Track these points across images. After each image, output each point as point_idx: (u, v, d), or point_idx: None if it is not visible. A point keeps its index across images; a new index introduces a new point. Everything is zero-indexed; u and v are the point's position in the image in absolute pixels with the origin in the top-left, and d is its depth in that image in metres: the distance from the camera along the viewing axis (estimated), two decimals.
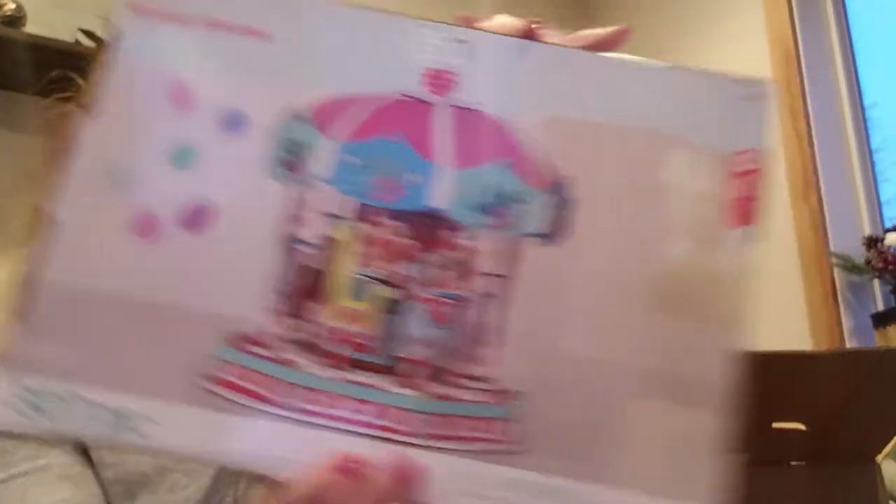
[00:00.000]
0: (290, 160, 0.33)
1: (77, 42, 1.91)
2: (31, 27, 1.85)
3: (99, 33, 1.95)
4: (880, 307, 1.83)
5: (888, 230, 1.78)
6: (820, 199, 1.90)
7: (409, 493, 0.32)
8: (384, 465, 0.31)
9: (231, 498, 0.62)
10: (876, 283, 1.83)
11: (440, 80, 0.35)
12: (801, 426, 0.59)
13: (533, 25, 0.42)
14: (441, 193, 0.33)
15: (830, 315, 1.80)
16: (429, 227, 0.33)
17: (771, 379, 0.55)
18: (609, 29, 0.45)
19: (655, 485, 0.33)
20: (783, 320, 1.92)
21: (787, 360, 0.56)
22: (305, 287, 0.33)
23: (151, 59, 0.34)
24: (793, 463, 0.62)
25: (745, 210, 0.35)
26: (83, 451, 0.63)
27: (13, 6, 1.82)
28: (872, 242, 1.77)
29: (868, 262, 1.76)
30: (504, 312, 0.33)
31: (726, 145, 0.35)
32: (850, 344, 1.78)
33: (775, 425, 0.59)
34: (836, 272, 1.83)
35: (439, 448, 0.32)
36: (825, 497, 0.61)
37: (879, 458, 0.65)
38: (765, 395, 0.56)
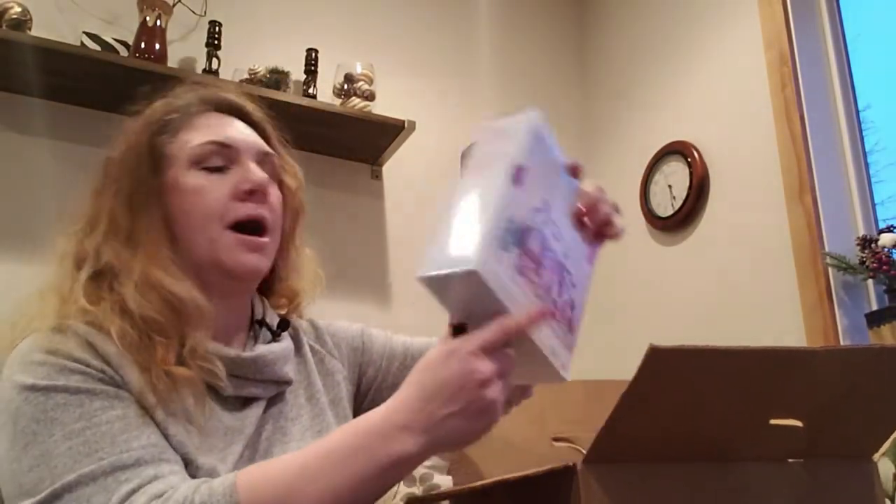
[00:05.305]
0: None
1: (82, 45, 1.92)
2: (37, 31, 1.86)
3: (103, 37, 1.96)
4: (874, 307, 1.85)
5: (882, 231, 1.80)
6: (815, 200, 1.92)
7: None
8: None
9: None
10: (870, 282, 1.85)
11: None
12: (799, 423, 0.60)
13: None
14: None
15: (825, 314, 1.82)
16: None
17: (768, 375, 0.57)
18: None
19: None
20: (778, 319, 1.94)
21: (785, 357, 0.58)
22: None
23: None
24: (790, 460, 0.64)
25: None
26: (140, 405, 0.72)
27: (19, 10, 1.83)
28: (866, 243, 1.78)
29: (862, 262, 1.78)
30: None
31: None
32: (844, 343, 1.80)
33: (773, 422, 0.60)
34: (831, 272, 1.85)
35: None
36: (822, 494, 0.63)
37: (876, 456, 0.67)
38: (762, 390, 0.58)
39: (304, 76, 2.23)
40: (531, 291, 0.62)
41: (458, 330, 0.62)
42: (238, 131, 0.87)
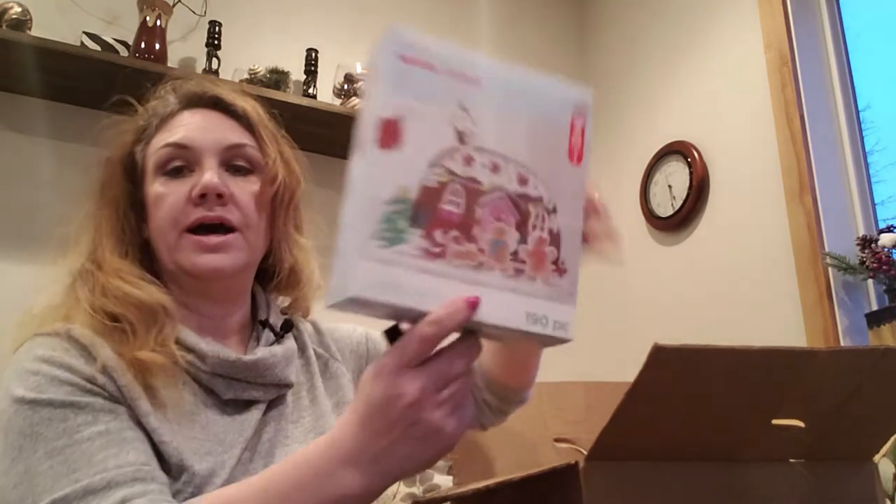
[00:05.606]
0: None
1: (82, 45, 1.92)
2: (37, 30, 1.86)
3: (103, 37, 1.96)
4: (874, 307, 1.86)
5: (882, 231, 1.80)
6: (815, 200, 1.92)
7: None
8: None
9: None
10: (870, 283, 1.86)
11: None
12: (801, 423, 0.61)
13: None
14: None
15: (825, 314, 1.83)
16: None
17: (773, 374, 0.57)
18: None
19: None
20: (778, 319, 1.94)
21: (790, 356, 0.58)
22: None
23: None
24: (791, 460, 0.64)
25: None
26: (131, 417, 0.72)
27: (19, 10, 1.83)
28: (866, 243, 1.79)
29: (862, 262, 1.78)
30: None
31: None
32: (844, 343, 1.80)
33: (775, 421, 0.60)
34: (831, 272, 1.86)
35: None
36: (823, 495, 0.63)
37: (877, 457, 0.67)
38: (766, 390, 0.58)
39: (304, 76, 2.23)
40: (465, 266, 0.51)
41: (393, 334, 0.53)
42: (200, 128, 0.85)
